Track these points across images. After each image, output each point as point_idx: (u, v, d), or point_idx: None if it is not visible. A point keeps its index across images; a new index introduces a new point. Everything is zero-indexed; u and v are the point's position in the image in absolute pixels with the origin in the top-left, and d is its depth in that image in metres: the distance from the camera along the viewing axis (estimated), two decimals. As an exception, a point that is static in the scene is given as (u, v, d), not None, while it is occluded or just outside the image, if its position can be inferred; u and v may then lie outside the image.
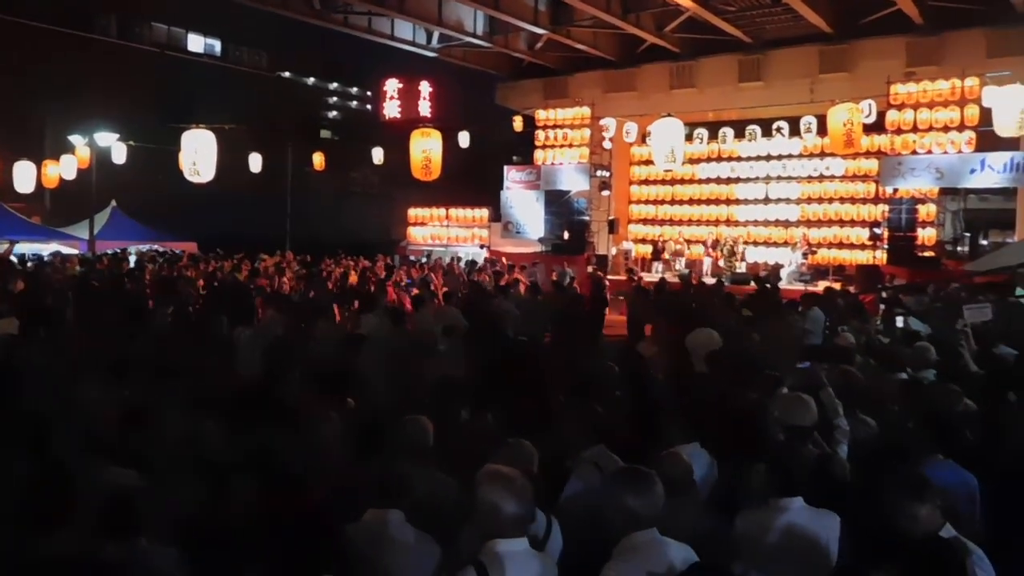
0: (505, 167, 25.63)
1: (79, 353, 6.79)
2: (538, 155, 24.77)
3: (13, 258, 18.99)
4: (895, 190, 19.23)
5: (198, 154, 13.80)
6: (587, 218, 24.48)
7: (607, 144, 23.37)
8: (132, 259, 20.48)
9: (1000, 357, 7.15)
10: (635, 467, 3.24)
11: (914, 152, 18.38)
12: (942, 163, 17.99)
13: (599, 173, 23.77)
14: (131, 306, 9.63)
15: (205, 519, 3.51)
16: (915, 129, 18.36)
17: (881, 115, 18.70)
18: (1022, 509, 3.57)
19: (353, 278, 15.88)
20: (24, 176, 22.30)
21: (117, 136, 23.93)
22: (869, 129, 18.59)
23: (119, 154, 24.15)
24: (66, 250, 23.45)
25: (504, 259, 20.60)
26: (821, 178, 22.03)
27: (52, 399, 5.01)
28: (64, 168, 23.28)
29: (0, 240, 22.51)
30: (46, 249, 23.71)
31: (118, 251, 22.85)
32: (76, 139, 23.79)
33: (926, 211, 19.57)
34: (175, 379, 5.47)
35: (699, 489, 4.17)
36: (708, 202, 24.09)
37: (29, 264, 17.78)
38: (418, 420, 4.19)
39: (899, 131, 18.58)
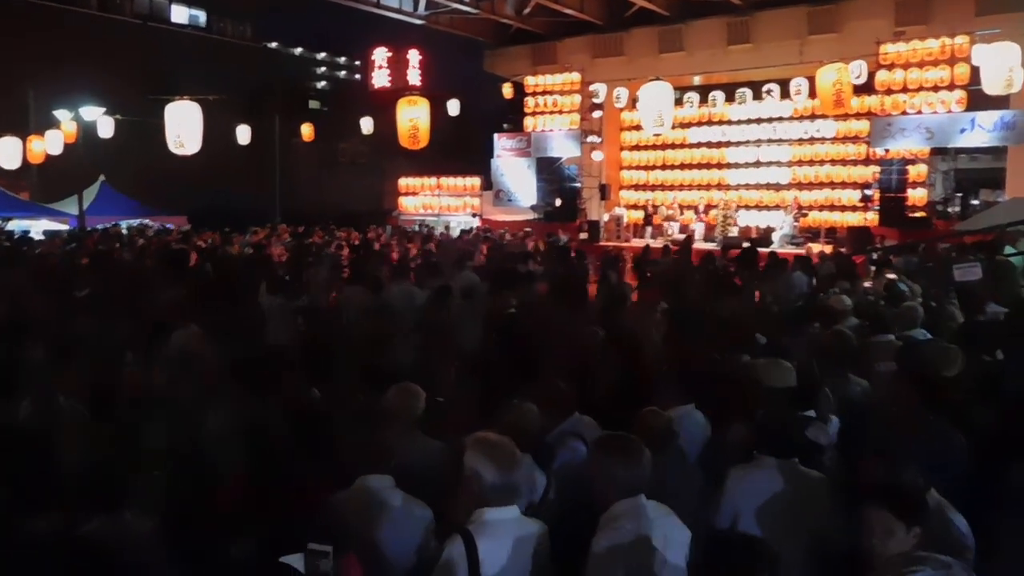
0: (495, 135, 25.49)
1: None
2: (528, 122, 24.62)
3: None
4: (886, 151, 19.20)
5: (183, 126, 13.67)
6: (578, 185, 24.41)
7: (597, 111, 23.19)
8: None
9: (990, 315, 7.17)
10: (620, 434, 3.24)
11: (904, 112, 18.33)
12: (932, 123, 17.95)
13: (590, 139, 23.65)
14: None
15: (191, 491, 3.51)
16: (905, 89, 18.29)
17: (871, 76, 18.60)
18: (1011, 468, 3.59)
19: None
20: (9, 151, 22.05)
21: (103, 110, 23.69)
22: (859, 90, 18.49)
23: (105, 128, 23.91)
24: (55, 226, 23.34)
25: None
26: (812, 140, 21.93)
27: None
28: (50, 143, 23.04)
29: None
30: (36, 226, 23.56)
31: (108, 227, 22.72)
32: (62, 113, 23.54)
33: (916, 172, 19.55)
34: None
35: (692, 449, 4.21)
36: (699, 166, 23.97)
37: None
38: (408, 386, 4.20)
39: (889, 91, 18.51)
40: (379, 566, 3.15)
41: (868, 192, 19.98)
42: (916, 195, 19.51)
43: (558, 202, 24.16)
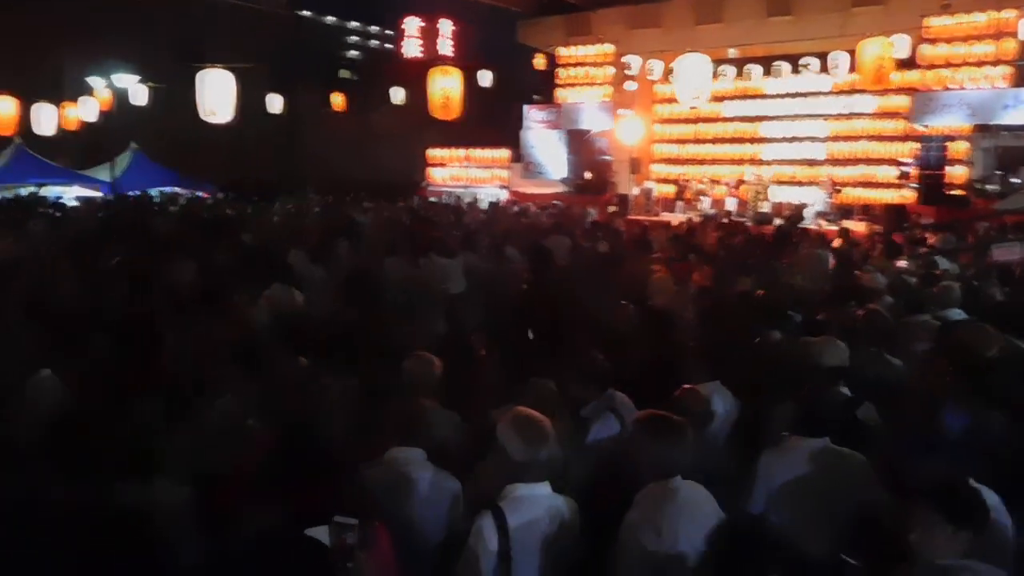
0: (525, 106, 25.27)
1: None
2: (560, 94, 24.36)
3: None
4: (926, 127, 18.77)
5: (215, 95, 13.69)
6: (609, 158, 24.16)
7: (630, 83, 22.88)
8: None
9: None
10: (663, 414, 3.19)
11: (946, 88, 17.87)
12: (974, 99, 17.49)
13: (622, 112, 23.37)
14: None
15: (222, 460, 3.53)
16: (948, 64, 17.82)
17: (914, 50, 18.14)
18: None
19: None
20: (44, 118, 22.30)
21: (137, 78, 23.83)
22: (901, 65, 18.04)
23: (138, 96, 24.07)
24: (88, 193, 23.62)
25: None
26: (850, 116, 21.44)
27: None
28: (84, 110, 23.25)
29: (24, 183, 22.71)
30: (69, 192, 23.86)
31: (139, 194, 22.95)
32: (95, 81, 23.72)
33: (956, 149, 19.09)
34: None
35: (721, 428, 4.15)
36: (733, 141, 23.56)
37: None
38: (423, 356, 4.18)
39: (931, 66, 18.04)
40: (408, 538, 3.14)
41: (906, 169, 19.56)
42: (955, 173, 19.06)
43: (588, 175, 23.96)
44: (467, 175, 27.21)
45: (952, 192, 18.34)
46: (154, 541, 2.87)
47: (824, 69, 20.37)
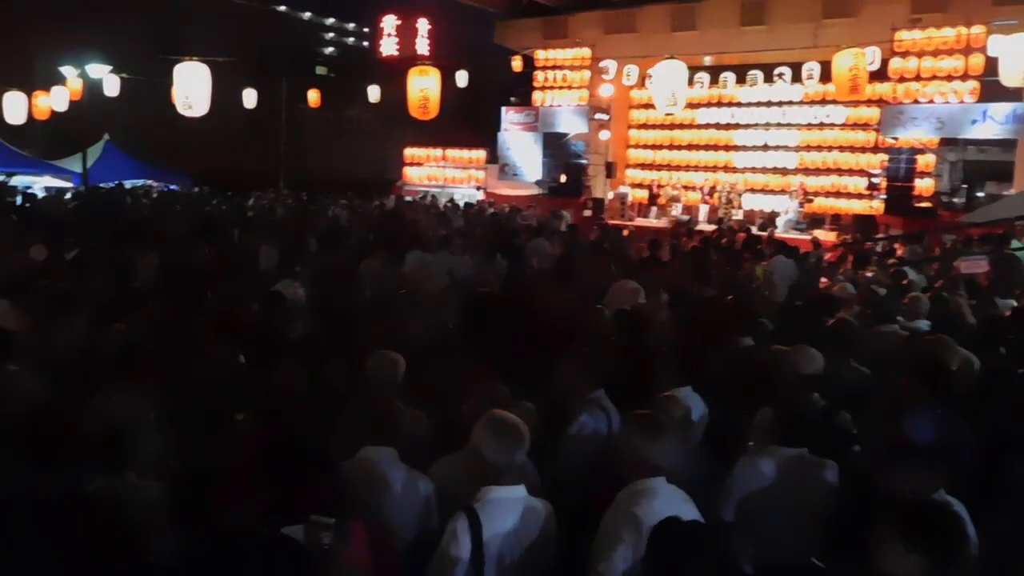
0: (503, 108, 25.28)
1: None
2: (536, 96, 24.40)
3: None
4: (895, 139, 19.06)
5: (192, 87, 13.53)
6: (584, 161, 24.26)
7: (606, 87, 22.97)
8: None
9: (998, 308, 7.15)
10: (653, 414, 3.24)
11: (916, 101, 18.16)
12: (943, 113, 17.80)
13: (598, 116, 23.47)
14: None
15: (199, 454, 3.51)
16: (918, 78, 18.10)
17: (884, 63, 18.42)
18: (1015, 463, 3.58)
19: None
20: (15, 107, 21.89)
21: (109, 68, 23.47)
22: (872, 77, 18.30)
23: (111, 86, 23.71)
24: (58, 183, 23.25)
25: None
26: (821, 126, 21.75)
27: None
28: (55, 100, 22.86)
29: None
30: (39, 182, 23.48)
31: (112, 186, 22.65)
32: (68, 70, 23.32)
33: (925, 161, 19.42)
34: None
35: (693, 432, 4.20)
36: (707, 148, 23.80)
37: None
38: (387, 354, 4.19)
39: (902, 79, 18.32)
40: (381, 537, 3.15)
41: (875, 180, 19.86)
42: (923, 185, 19.40)
43: (563, 178, 24.03)
44: (443, 175, 27.16)
45: (920, 204, 18.64)
46: (126, 533, 2.84)
47: (797, 79, 20.60)
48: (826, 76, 18.36)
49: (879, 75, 18.65)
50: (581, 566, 2.99)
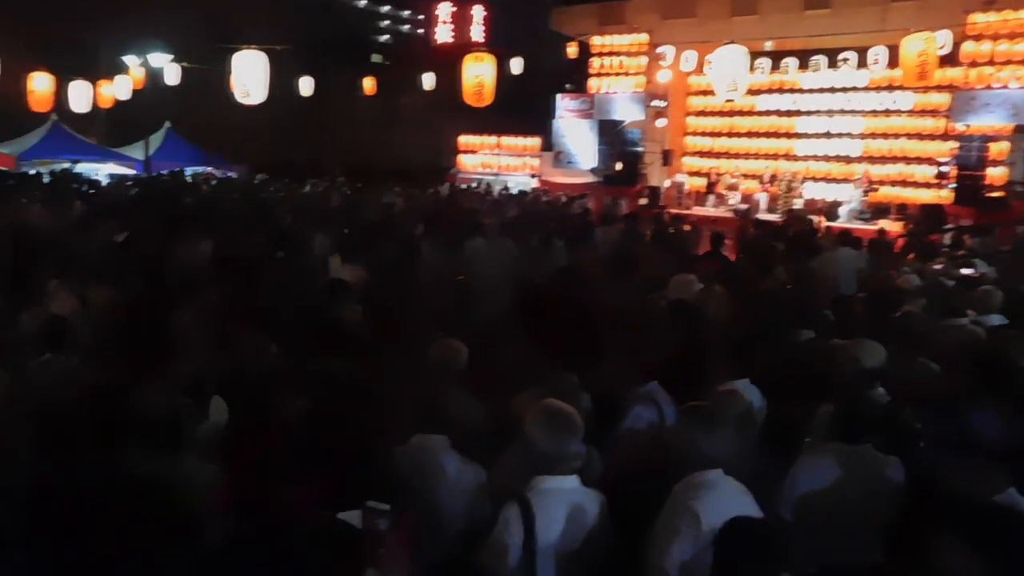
0: (557, 95, 25.12)
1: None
2: (592, 83, 24.17)
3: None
4: (966, 126, 18.41)
5: (249, 76, 13.71)
6: (640, 149, 23.98)
7: (664, 74, 22.62)
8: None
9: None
10: (708, 406, 3.17)
11: (989, 87, 17.51)
12: (1018, 98, 17.13)
13: (654, 103, 23.15)
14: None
15: (251, 439, 3.53)
16: (991, 62, 17.45)
17: (956, 47, 17.78)
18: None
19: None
20: (80, 96, 22.51)
21: (170, 57, 23.97)
22: (942, 61, 17.67)
23: (172, 75, 24.21)
24: (121, 170, 23.87)
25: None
26: (887, 112, 21.09)
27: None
28: (118, 88, 23.43)
29: (59, 159, 22.99)
30: (102, 169, 24.13)
31: (172, 172, 23.17)
32: (130, 59, 23.88)
33: (997, 149, 18.70)
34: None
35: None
36: (767, 135, 23.27)
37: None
38: (450, 342, 4.16)
39: (974, 64, 17.67)
40: (432, 526, 3.13)
41: (944, 169, 19.21)
42: (995, 174, 18.69)
43: (618, 166, 23.80)
44: (497, 162, 27.14)
45: (991, 194, 17.98)
46: (178, 514, 2.86)
47: (862, 64, 20.02)
48: (893, 61, 17.81)
49: (949, 59, 18.01)
50: (634, 559, 2.94)
